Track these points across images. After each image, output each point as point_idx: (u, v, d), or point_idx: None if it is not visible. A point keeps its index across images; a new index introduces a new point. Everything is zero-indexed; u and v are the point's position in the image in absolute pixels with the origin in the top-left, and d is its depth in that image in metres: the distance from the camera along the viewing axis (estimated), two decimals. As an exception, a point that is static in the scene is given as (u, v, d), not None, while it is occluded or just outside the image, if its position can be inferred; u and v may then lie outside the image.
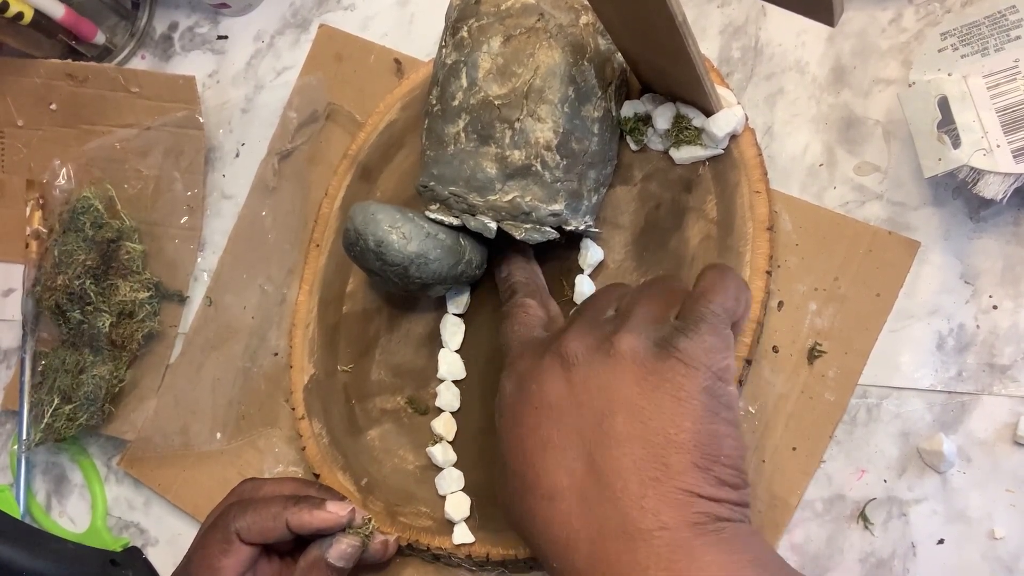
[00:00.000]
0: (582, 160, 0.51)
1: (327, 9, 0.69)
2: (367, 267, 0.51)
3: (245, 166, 0.68)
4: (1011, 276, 0.48)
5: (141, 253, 0.66)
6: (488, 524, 0.51)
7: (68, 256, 0.65)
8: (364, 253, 0.50)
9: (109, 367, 0.64)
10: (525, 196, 0.50)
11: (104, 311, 0.64)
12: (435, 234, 0.50)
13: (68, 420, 0.63)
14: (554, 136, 0.49)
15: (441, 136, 0.52)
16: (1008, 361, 0.47)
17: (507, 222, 0.50)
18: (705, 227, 0.51)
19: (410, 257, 0.49)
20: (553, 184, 0.50)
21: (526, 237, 0.50)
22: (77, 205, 0.67)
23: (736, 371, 0.41)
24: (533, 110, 0.49)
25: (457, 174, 0.51)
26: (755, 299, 0.48)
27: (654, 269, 0.52)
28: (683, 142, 0.52)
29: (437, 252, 0.50)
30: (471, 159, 0.50)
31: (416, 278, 0.50)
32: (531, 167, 0.49)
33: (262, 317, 0.64)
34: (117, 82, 0.70)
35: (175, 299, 0.67)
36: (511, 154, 0.49)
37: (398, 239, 0.49)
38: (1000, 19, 0.47)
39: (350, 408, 0.57)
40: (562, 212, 0.50)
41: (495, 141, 0.50)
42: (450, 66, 0.51)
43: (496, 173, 0.50)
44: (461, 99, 0.51)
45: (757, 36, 0.56)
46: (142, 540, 0.65)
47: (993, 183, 0.46)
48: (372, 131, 0.62)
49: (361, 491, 0.55)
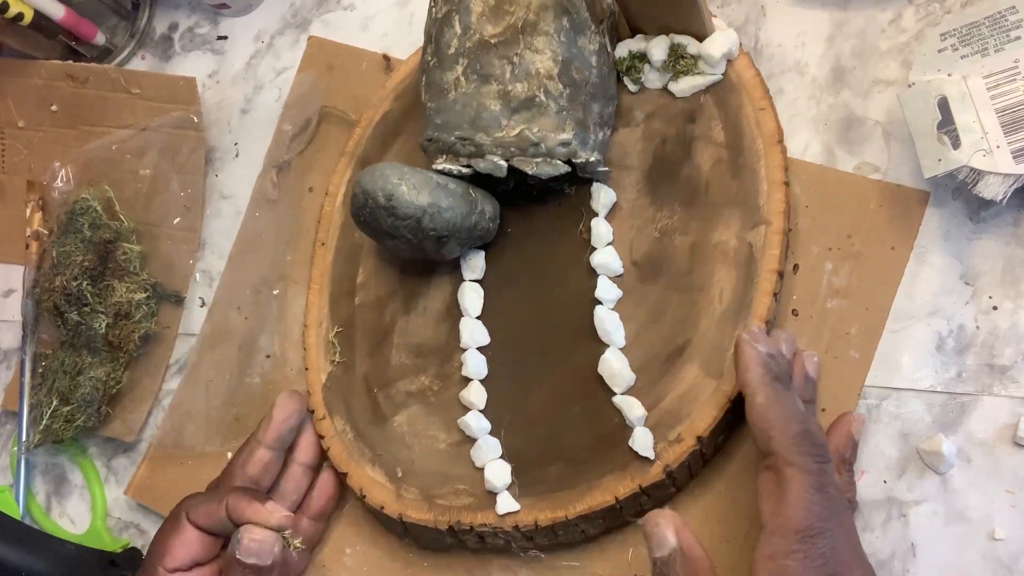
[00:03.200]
0: (584, 90, 0.51)
1: (327, 9, 0.69)
2: (378, 229, 0.50)
3: (244, 166, 0.68)
4: (1011, 277, 0.48)
5: (138, 254, 0.66)
6: (532, 489, 0.49)
7: (66, 257, 0.65)
8: (374, 212, 0.49)
9: (106, 369, 0.64)
10: (532, 127, 0.49)
11: (100, 312, 0.64)
12: (445, 184, 0.50)
13: (66, 422, 0.63)
14: (554, 65, 0.49)
15: (440, 85, 0.51)
16: (1008, 362, 0.47)
17: (517, 158, 0.50)
18: (715, 152, 0.51)
19: (422, 207, 0.48)
20: (559, 113, 0.50)
21: (537, 171, 0.50)
22: (75, 206, 0.66)
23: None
24: (530, 43, 0.49)
25: (461, 118, 0.50)
26: (776, 211, 0.48)
27: (670, 203, 0.52)
28: (681, 73, 0.52)
29: (449, 200, 0.49)
30: (474, 100, 0.50)
31: (430, 230, 0.49)
32: (535, 98, 0.49)
33: (256, 319, 0.64)
34: (118, 83, 0.70)
35: (172, 300, 0.67)
36: (513, 88, 0.50)
37: (408, 190, 0.48)
38: (1000, 19, 0.47)
39: (372, 398, 0.55)
40: (571, 141, 0.50)
41: (496, 78, 0.50)
42: (442, 17, 0.51)
43: (500, 109, 0.50)
44: (456, 45, 0.51)
45: (757, 36, 0.56)
46: (142, 541, 0.65)
47: (993, 184, 0.46)
48: (368, 125, 0.62)
49: (394, 482, 0.52)
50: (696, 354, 0.48)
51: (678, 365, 0.48)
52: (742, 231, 0.49)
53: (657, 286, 0.51)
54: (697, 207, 0.51)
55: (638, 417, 0.48)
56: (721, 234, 0.50)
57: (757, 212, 0.49)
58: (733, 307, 0.48)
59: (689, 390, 0.48)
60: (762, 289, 0.48)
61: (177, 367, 0.67)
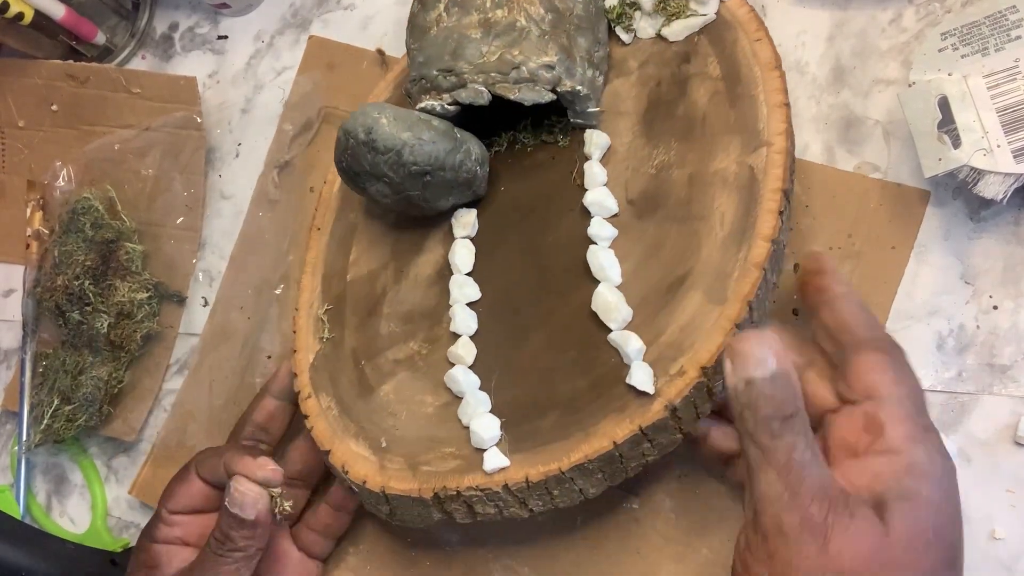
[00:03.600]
0: (568, 20, 0.51)
1: (327, 9, 0.69)
2: (360, 170, 0.49)
3: (245, 166, 0.68)
4: (1011, 276, 0.48)
5: (140, 254, 0.66)
6: (524, 444, 0.45)
7: (68, 257, 0.65)
8: (355, 152, 0.48)
9: (108, 368, 0.64)
10: (513, 50, 0.49)
11: (102, 312, 0.64)
12: (428, 120, 0.49)
13: (67, 421, 0.63)
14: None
15: (423, 25, 0.52)
16: (1008, 361, 0.47)
17: (499, 84, 0.49)
18: (711, 85, 0.50)
19: (402, 140, 0.48)
20: (542, 37, 0.50)
21: (520, 97, 0.49)
22: (77, 206, 0.67)
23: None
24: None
25: (442, 50, 0.51)
26: (777, 131, 0.46)
27: (666, 139, 0.50)
28: (672, 16, 0.52)
29: (430, 134, 0.49)
30: (455, 32, 0.51)
31: (412, 164, 0.48)
32: (515, 22, 0.50)
33: (257, 319, 0.64)
34: (118, 83, 0.70)
35: (174, 300, 0.67)
36: (494, 14, 0.50)
37: (388, 123, 0.48)
38: (1000, 19, 0.47)
39: (360, 371, 0.53)
40: (555, 66, 0.49)
41: (477, 8, 0.50)
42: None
43: (481, 37, 0.50)
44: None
45: (757, 36, 0.56)
46: (142, 540, 0.65)
47: (993, 183, 0.46)
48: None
49: (377, 453, 0.49)
50: (698, 282, 0.45)
51: (679, 295, 0.45)
52: (742, 155, 0.47)
53: (654, 220, 0.48)
54: (694, 140, 0.49)
55: (635, 350, 0.44)
56: (720, 162, 0.47)
57: (757, 136, 0.47)
58: (736, 230, 0.45)
59: (691, 320, 0.44)
60: (766, 208, 0.45)
61: (177, 367, 0.67)
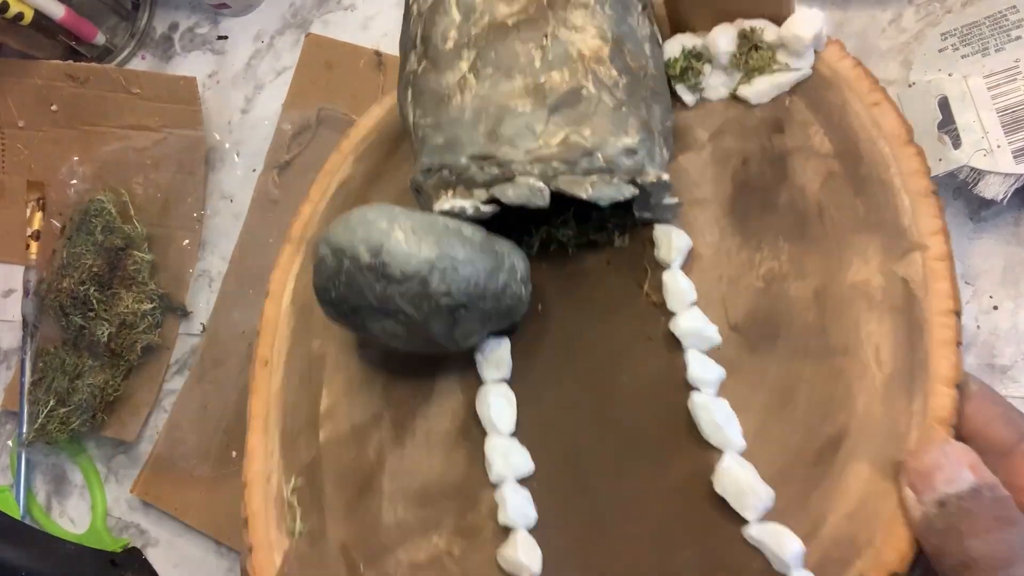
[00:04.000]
0: (643, 83, 0.37)
1: (327, 9, 0.69)
2: (360, 305, 0.35)
3: (245, 166, 0.68)
4: (1011, 276, 0.48)
5: (149, 263, 0.66)
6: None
7: (76, 259, 0.65)
8: (353, 279, 0.34)
9: (106, 376, 0.64)
10: (583, 130, 0.35)
11: (105, 320, 0.64)
12: (457, 228, 0.35)
13: (61, 424, 0.63)
14: (603, 44, 0.36)
15: (438, 91, 0.37)
16: (1008, 361, 0.47)
17: (563, 177, 0.35)
18: (822, 165, 0.38)
19: (428, 261, 0.33)
20: (618, 110, 0.36)
21: (596, 195, 0.35)
22: (90, 207, 0.66)
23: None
24: (564, 19, 0.36)
25: (474, 130, 0.36)
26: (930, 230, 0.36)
27: (770, 239, 0.38)
28: (754, 70, 0.40)
29: (466, 250, 0.34)
30: (490, 103, 0.36)
31: (442, 296, 0.34)
32: (582, 89, 0.35)
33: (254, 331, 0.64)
34: (118, 83, 0.69)
35: (179, 313, 0.67)
36: (548, 78, 0.35)
37: (405, 237, 0.33)
38: (1000, 19, 0.47)
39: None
40: (637, 149, 0.36)
41: (520, 70, 0.36)
42: (429, 8, 0.38)
43: (532, 109, 0.35)
44: (456, 37, 0.37)
45: (757, 36, 0.56)
46: (142, 540, 0.65)
47: (993, 183, 0.46)
48: (320, 199, 0.47)
49: None
50: (860, 447, 0.33)
51: (836, 466, 0.33)
52: (887, 263, 0.36)
53: (775, 356, 0.36)
54: (812, 240, 0.37)
55: (793, 555, 0.31)
56: (858, 271, 0.36)
57: (903, 236, 0.36)
58: (901, 371, 0.34)
59: (861, 504, 0.32)
60: (937, 339, 0.34)
61: (177, 367, 0.67)
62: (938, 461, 0.30)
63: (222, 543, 0.61)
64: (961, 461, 0.30)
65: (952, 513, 0.29)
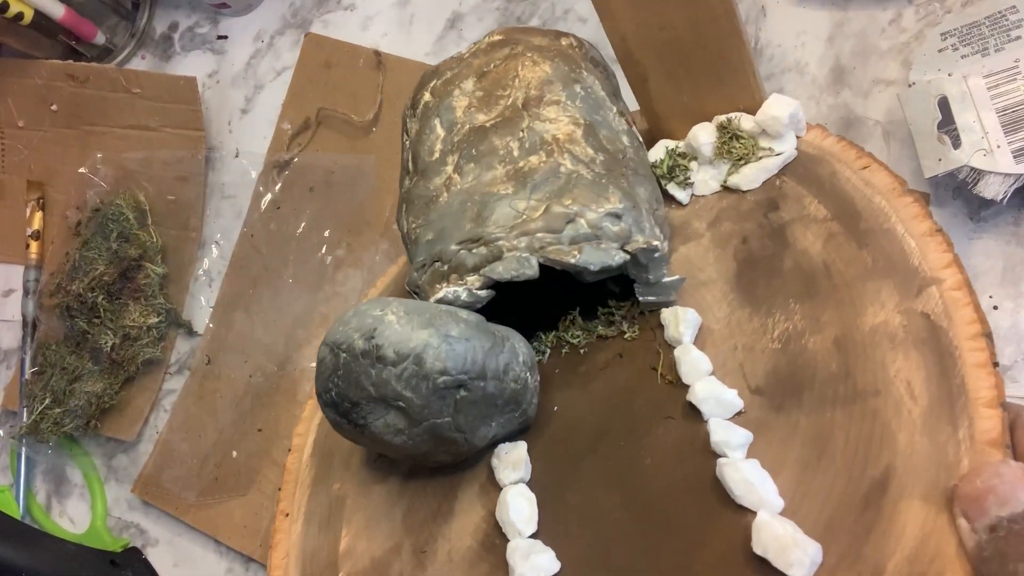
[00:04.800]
0: (622, 162, 0.39)
1: (327, 9, 0.69)
2: (359, 400, 0.35)
3: (245, 166, 0.68)
4: (1011, 276, 0.48)
5: (160, 276, 0.66)
6: None
7: (88, 263, 0.65)
8: (350, 370, 0.34)
9: (104, 384, 0.64)
10: (564, 200, 0.36)
11: (109, 329, 0.64)
12: (451, 311, 0.36)
13: (54, 424, 0.63)
14: (575, 128, 0.38)
15: (426, 196, 0.39)
16: (1008, 361, 0.47)
17: (551, 247, 0.35)
18: (821, 228, 0.39)
19: (422, 339, 0.33)
20: (597, 181, 0.37)
21: (584, 261, 0.35)
22: (108, 211, 0.66)
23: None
24: (538, 114, 0.38)
25: (461, 218, 0.37)
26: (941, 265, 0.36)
27: (781, 303, 0.38)
28: (740, 160, 0.41)
29: (460, 328, 0.34)
30: (475, 193, 0.37)
31: (438, 374, 0.33)
32: (559, 167, 0.37)
33: (260, 379, 0.63)
34: (118, 83, 0.70)
35: (185, 330, 0.67)
36: (527, 162, 0.37)
37: (397, 319, 0.34)
38: (1000, 19, 0.47)
39: None
40: (622, 214, 0.36)
41: (501, 159, 0.38)
42: (417, 131, 0.40)
43: (514, 191, 0.37)
44: (441, 147, 0.39)
45: (757, 37, 0.56)
46: (142, 540, 0.65)
47: (993, 183, 0.46)
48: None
49: None
50: (908, 484, 0.32)
51: (886, 508, 0.31)
52: (904, 302, 0.36)
53: (803, 409, 0.35)
54: (822, 295, 0.37)
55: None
56: (875, 315, 0.36)
57: (915, 274, 0.36)
58: (938, 400, 0.33)
59: (921, 544, 0.30)
60: (971, 363, 0.33)
61: (177, 367, 0.67)
62: (991, 483, 0.28)
63: (222, 543, 0.62)
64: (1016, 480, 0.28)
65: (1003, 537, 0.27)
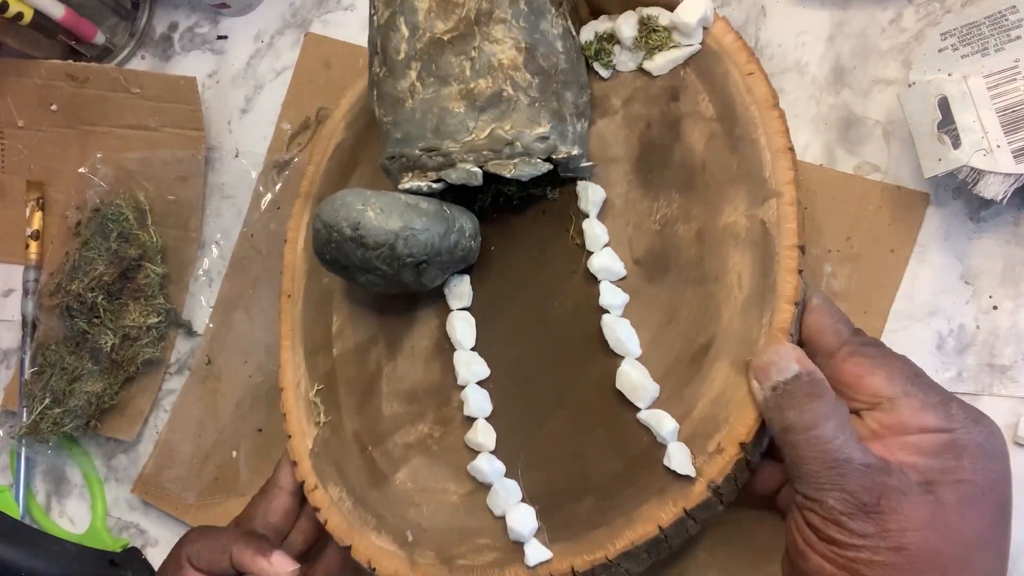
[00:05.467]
0: (555, 78, 0.46)
1: (327, 9, 0.69)
2: (348, 265, 0.46)
3: (245, 166, 0.68)
4: (1011, 276, 0.48)
5: (160, 276, 0.66)
6: (562, 531, 0.43)
7: (88, 263, 0.64)
8: (341, 247, 0.45)
9: (104, 384, 0.64)
10: (504, 125, 0.45)
11: (109, 329, 0.64)
12: (416, 203, 0.45)
13: (54, 424, 0.63)
14: (518, 53, 0.45)
15: (395, 95, 0.47)
16: (1008, 362, 0.47)
17: (492, 162, 0.45)
18: (707, 127, 0.46)
19: (394, 232, 0.44)
20: (532, 106, 0.45)
21: (517, 173, 0.45)
22: (107, 211, 0.66)
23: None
24: (487, 33, 0.45)
25: (422, 127, 0.46)
26: (785, 180, 0.44)
27: (666, 191, 0.47)
28: (655, 48, 0.48)
29: (423, 221, 0.45)
30: (434, 105, 0.46)
31: (406, 256, 0.45)
32: (502, 92, 0.45)
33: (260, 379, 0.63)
34: (118, 83, 0.70)
35: (185, 330, 0.67)
36: (476, 84, 0.45)
37: (375, 215, 0.44)
38: (1000, 19, 0.47)
39: (368, 457, 0.49)
40: (549, 135, 0.45)
41: (455, 78, 0.45)
42: (385, 22, 0.47)
43: (466, 111, 0.45)
44: (406, 50, 0.46)
45: (757, 36, 0.56)
46: (142, 540, 0.65)
47: (993, 183, 0.46)
48: (321, 159, 0.58)
49: (405, 548, 0.46)
50: (723, 350, 0.43)
51: (705, 366, 0.43)
52: (751, 208, 0.44)
53: (666, 283, 0.45)
54: (697, 190, 0.46)
55: (669, 431, 0.42)
56: (728, 215, 0.45)
57: (764, 185, 0.44)
58: (756, 292, 0.43)
59: (722, 392, 0.42)
60: (785, 267, 0.42)
61: (177, 367, 0.67)
62: (773, 358, 0.39)
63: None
64: (790, 357, 0.39)
65: (780, 394, 0.38)
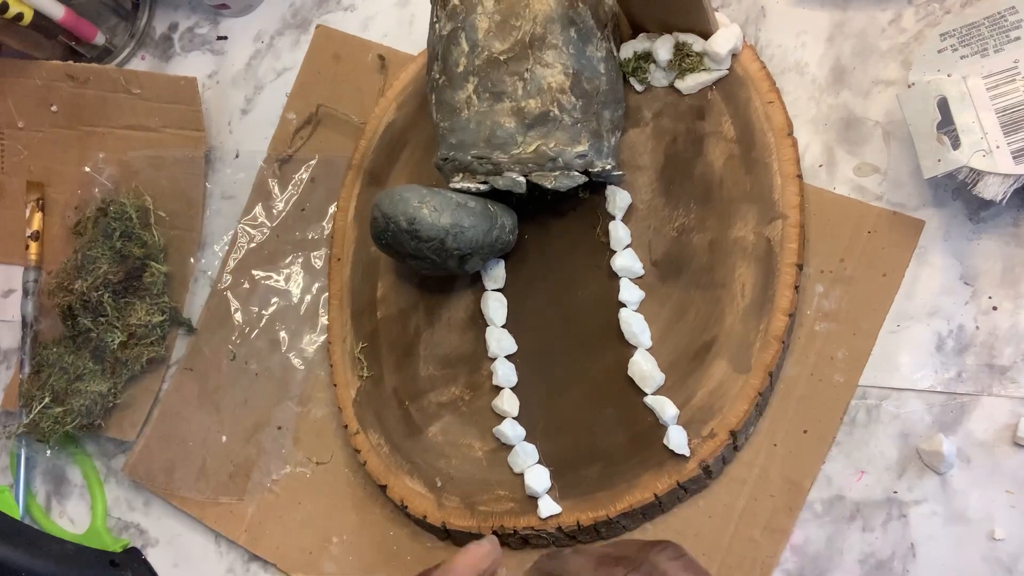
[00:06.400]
0: (596, 100, 0.52)
1: (327, 10, 0.69)
2: (401, 251, 0.52)
3: (245, 166, 0.68)
4: (1011, 277, 0.48)
5: (164, 275, 0.66)
6: (571, 491, 0.51)
7: (91, 262, 0.64)
8: (397, 236, 0.51)
9: (108, 384, 0.64)
10: (549, 142, 0.51)
11: (117, 328, 0.63)
12: (464, 203, 0.51)
13: (55, 423, 0.63)
14: (565, 78, 0.51)
15: (452, 104, 0.52)
16: (1008, 362, 0.47)
17: (535, 174, 0.51)
18: (726, 148, 0.52)
19: (445, 228, 0.50)
20: (574, 126, 0.51)
21: (556, 185, 0.51)
22: (111, 209, 0.66)
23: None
24: (540, 57, 0.50)
25: (476, 136, 0.51)
26: (791, 204, 0.50)
27: (685, 201, 0.53)
28: (687, 70, 0.54)
29: (470, 219, 0.51)
30: (488, 118, 0.51)
31: (454, 250, 0.51)
32: (549, 113, 0.51)
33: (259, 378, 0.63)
34: (118, 83, 0.70)
35: (186, 329, 0.67)
36: (527, 104, 0.51)
37: (429, 212, 0.50)
38: (1000, 20, 0.47)
39: (405, 411, 0.56)
40: (587, 153, 0.51)
41: (508, 96, 0.51)
42: (448, 35, 0.52)
43: (515, 126, 0.51)
44: (465, 64, 0.51)
45: (757, 37, 0.56)
46: (142, 541, 0.65)
47: (993, 184, 0.46)
48: (372, 135, 0.62)
49: (434, 491, 0.54)
50: (723, 350, 0.50)
51: (706, 362, 0.50)
52: (759, 226, 0.50)
53: (679, 285, 0.52)
54: (713, 204, 0.52)
55: (671, 416, 0.49)
56: (739, 230, 0.51)
57: (773, 207, 0.50)
58: (756, 301, 0.49)
59: (719, 385, 0.49)
60: (784, 283, 0.49)
61: (177, 366, 0.67)
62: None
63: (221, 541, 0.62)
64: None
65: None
